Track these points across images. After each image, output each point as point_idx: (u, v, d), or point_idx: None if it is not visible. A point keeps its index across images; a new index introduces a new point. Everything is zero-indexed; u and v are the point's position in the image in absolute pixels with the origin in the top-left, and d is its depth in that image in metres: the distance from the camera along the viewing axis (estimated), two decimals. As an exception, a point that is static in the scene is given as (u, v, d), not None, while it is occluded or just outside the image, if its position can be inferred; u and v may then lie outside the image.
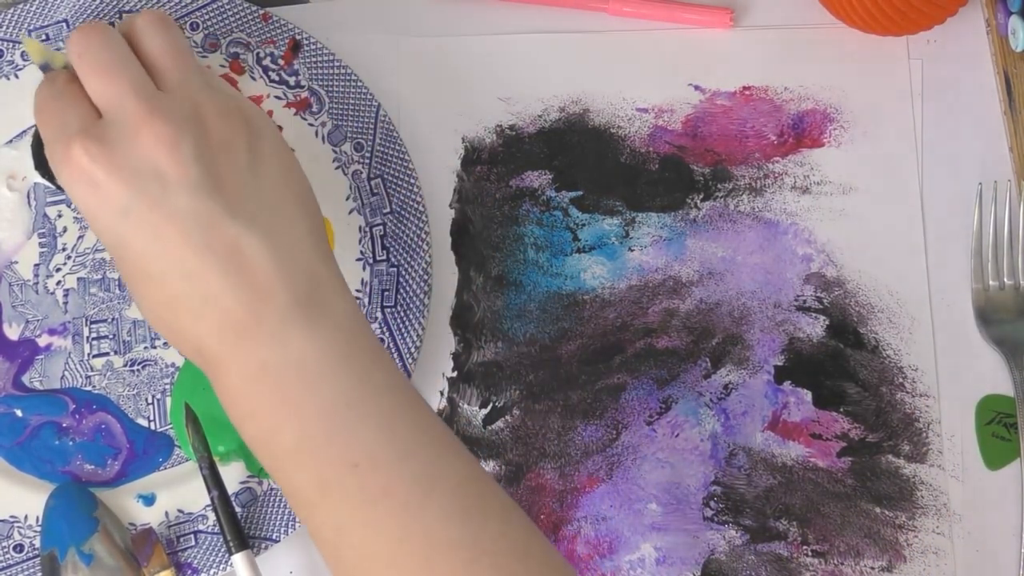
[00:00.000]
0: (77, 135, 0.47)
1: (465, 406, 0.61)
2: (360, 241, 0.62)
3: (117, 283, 0.63)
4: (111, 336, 0.62)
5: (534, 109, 0.65)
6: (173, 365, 0.61)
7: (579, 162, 0.64)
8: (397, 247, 0.61)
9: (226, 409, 0.48)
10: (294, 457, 0.47)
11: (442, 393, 0.61)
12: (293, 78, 0.64)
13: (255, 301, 0.47)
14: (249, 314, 0.47)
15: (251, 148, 0.48)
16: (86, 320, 0.62)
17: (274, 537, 0.58)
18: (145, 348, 0.62)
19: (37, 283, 0.63)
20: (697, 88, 0.65)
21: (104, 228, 0.48)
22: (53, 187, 0.59)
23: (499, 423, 0.61)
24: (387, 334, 0.60)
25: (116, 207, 0.47)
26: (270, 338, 0.46)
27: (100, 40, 0.49)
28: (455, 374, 0.62)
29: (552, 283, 0.63)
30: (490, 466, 0.60)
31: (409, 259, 0.61)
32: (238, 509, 0.58)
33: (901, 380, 0.61)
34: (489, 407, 0.61)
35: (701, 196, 0.64)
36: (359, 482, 0.46)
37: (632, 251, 0.63)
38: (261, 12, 0.64)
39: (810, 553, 0.59)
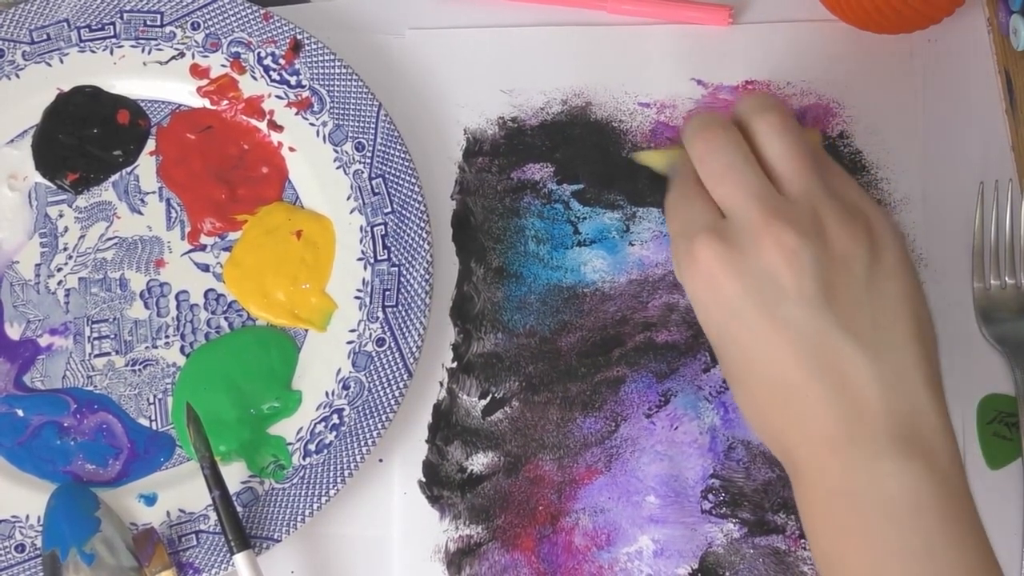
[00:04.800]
0: (701, 231, 0.49)
1: (464, 397, 0.61)
2: (361, 241, 0.62)
3: (118, 283, 0.63)
4: (112, 336, 0.62)
5: (536, 102, 0.65)
6: (174, 365, 0.61)
7: (581, 155, 0.64)
8: (398, 247, 0.61)
9: (802, 516, 0.49)
10: None
11: (441, 383, 0.62)
12: (294, 78, 0.64)
13: (852, 422, 0.47)
14: (844, 434, 0.47)
15: (871, 263, 0.48)
16: (87, 320, 0.62)
17: (276, 537, 0.58)
18: (146, 348, 0.62)
19: (38, 283, 0.63)
20: (700, 83, 0.65)
21: (712, 322, 0.50)
22: (54, 187, 0.59)
23: (498, 414, 0.61)
24: (388, 334, 0.60)
25: (728, 305, 0.48)
26: (860, 463, 0.46)
27: (720, 143, 0.50)
28: (455, 365, 0.62)
29: (552, 276, 0.63)
30: (489, 457, 0.60)
31: (410, 258, 0.61)
32: (240, 509, 0.58)
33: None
34: (488, 398, 0.61)
35: None
36: None
37: (633, 245, 0.63)
38: (262, 11, 0.64)
39: (808, 547, 0.59)
